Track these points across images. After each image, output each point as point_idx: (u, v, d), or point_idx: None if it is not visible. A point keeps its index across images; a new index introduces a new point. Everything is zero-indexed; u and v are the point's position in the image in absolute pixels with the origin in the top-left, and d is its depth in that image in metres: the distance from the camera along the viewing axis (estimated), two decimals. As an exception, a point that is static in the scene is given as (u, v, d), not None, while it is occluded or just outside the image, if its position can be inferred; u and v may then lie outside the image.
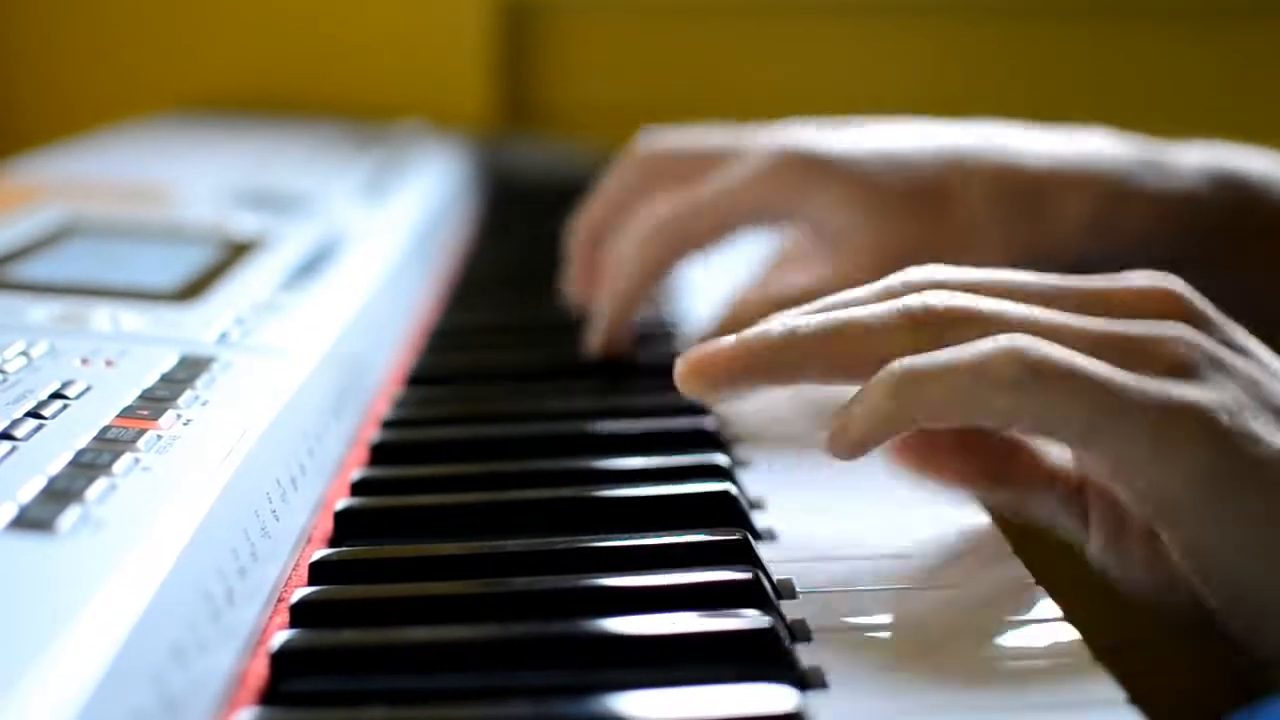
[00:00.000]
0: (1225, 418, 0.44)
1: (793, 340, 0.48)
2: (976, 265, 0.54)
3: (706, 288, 0.82)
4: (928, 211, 0.65)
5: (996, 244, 0.65)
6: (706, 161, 0.70)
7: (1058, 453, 0.53)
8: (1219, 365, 0.46)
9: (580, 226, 0.74)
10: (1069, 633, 0.43)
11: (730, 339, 0.49)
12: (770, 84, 1.29)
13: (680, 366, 0.50)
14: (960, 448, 0.52)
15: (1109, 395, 0.43)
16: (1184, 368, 0.45)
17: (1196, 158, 0.69)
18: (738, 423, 0.62)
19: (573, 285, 0.75)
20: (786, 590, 0.47)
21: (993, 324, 0.46)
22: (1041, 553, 0.50)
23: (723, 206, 0.66)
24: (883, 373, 0.45)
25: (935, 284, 0.49)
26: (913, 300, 0.47)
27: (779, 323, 0.49)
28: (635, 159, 0.74)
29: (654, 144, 0.74)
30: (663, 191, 0.70)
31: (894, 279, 0.50)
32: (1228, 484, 0.44)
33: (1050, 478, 0.53)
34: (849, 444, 0.46)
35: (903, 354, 0.45)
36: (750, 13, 1.31)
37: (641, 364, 0.70)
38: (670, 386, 0.65)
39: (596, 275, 0.72)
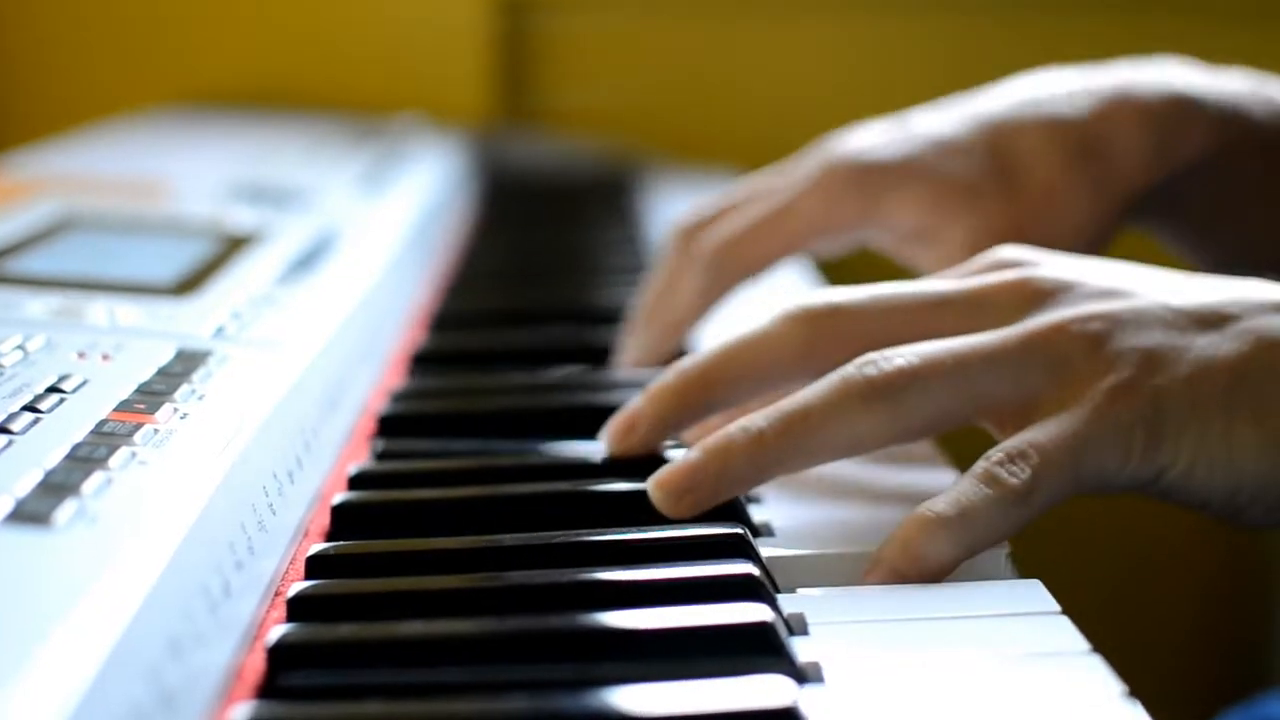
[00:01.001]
0: (1141, 387, 0.47)
1: (760, 443, 0.49)
2: (1062, 225, 0.64)
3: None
4: (999, 188, 0.65)
5: (1074, 197, 0.65)
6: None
7: None
8: (1102, 328, 0.49)
9: (672, 239, 0.70)
10: (1068, 628, 0.43)
11: (696, 453, 0.50)
12: (766, 84, 1.29)
13: (654, 489, 0.50)
14: None
15: (1076, 448, 0.47)
16: (1079, 354, 0.49)
17: (1240, 79, 0.69)
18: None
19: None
20: (784, 585, 0.47)
21: (933, 377, 0.49)
22: (1041, 549, 0.51)
23: (784, 228, 0.65)
24: (919, 526, 0.47)
25: (837, 314, 0.52)
26: (852, 375, 0.49)
27: (739, 428, 0.49)
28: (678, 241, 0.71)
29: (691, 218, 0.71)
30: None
31: (795, 314, 0.53)
32: (1179, 421, 0.48)
33: None
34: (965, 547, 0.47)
35: (868, 433, 0.49)
36: (746, 13, 1.31)
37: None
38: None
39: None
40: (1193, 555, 1.33)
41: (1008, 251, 0.55)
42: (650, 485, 0.50)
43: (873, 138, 0.67)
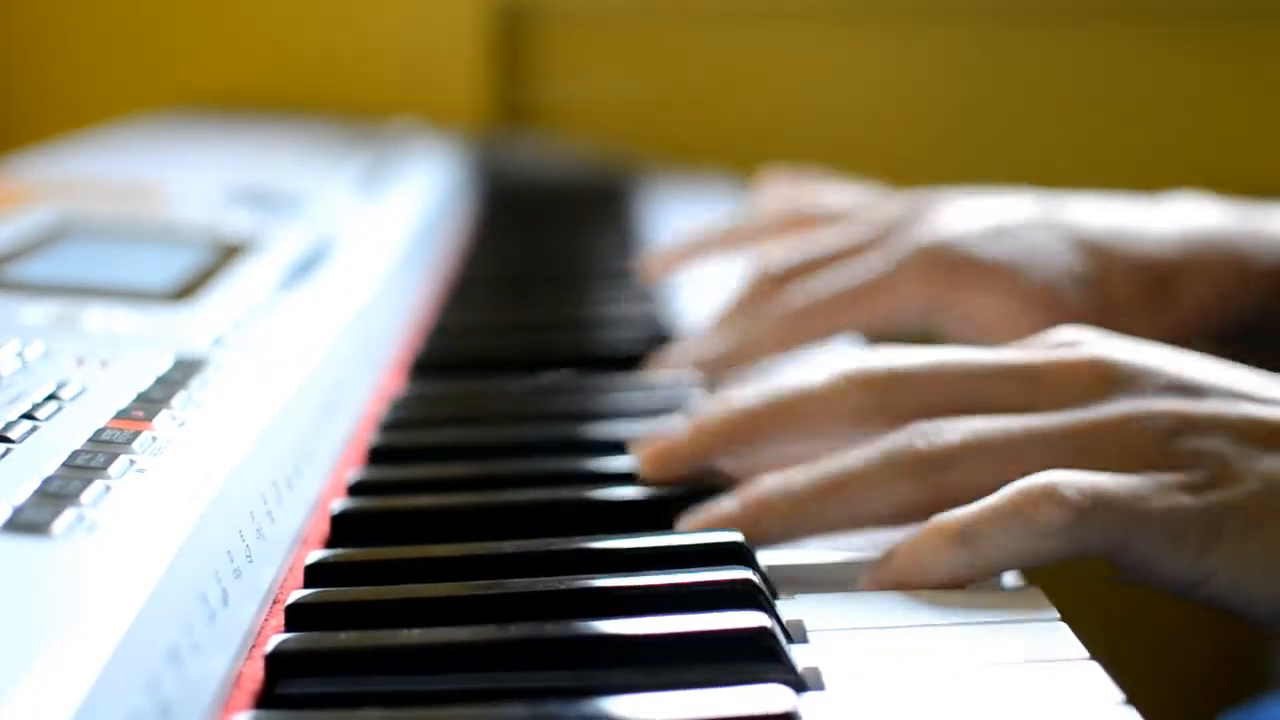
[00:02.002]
0: (1207, 492, 0.46)
1: (796, 505, 0.49)
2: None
3: (701, 289, 0.82)
4: (1075, 303, 0.67)
5: (1141, 330, 0.65)
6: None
7: None
8: (1179, 427, 0.47)
9: (690, 244, 0.77)
10: (1066, 634, 0.43)
11: (731, 504, 0.49)
12: (762, 87, 1.29)
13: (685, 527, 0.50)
14: None
15: (1134, 514, 0.46)
16: (1153, 456, 0.47)
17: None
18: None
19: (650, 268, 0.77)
20: (783, 591, 0.47)
21: (982, 454, 0.48)
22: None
23: (868, 304, 0.67)
24: (931, 538, 0.46)
25: (896, 379, 0.51)
26: (900, 445, 0.48)
27: (780, 486, 0.49)
28: (778, 215, 0.76)
29: (798, 199, 0.76)
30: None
31: (854, 375, 0.52)
32: (1237, 534, 0.46)
33: None
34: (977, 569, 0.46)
35: (908, 506, 0.48)
36: (743, 16, 1.31)
37: (639, 361, 0.70)
38: (665, 388, 0.65)
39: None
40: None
41: (1073, 331, 0.53)
42: (684, 525, 0.50)
43: (968, 224, 0.68)
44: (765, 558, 0.48)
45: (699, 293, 0.84)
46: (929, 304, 0.67)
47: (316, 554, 0.48)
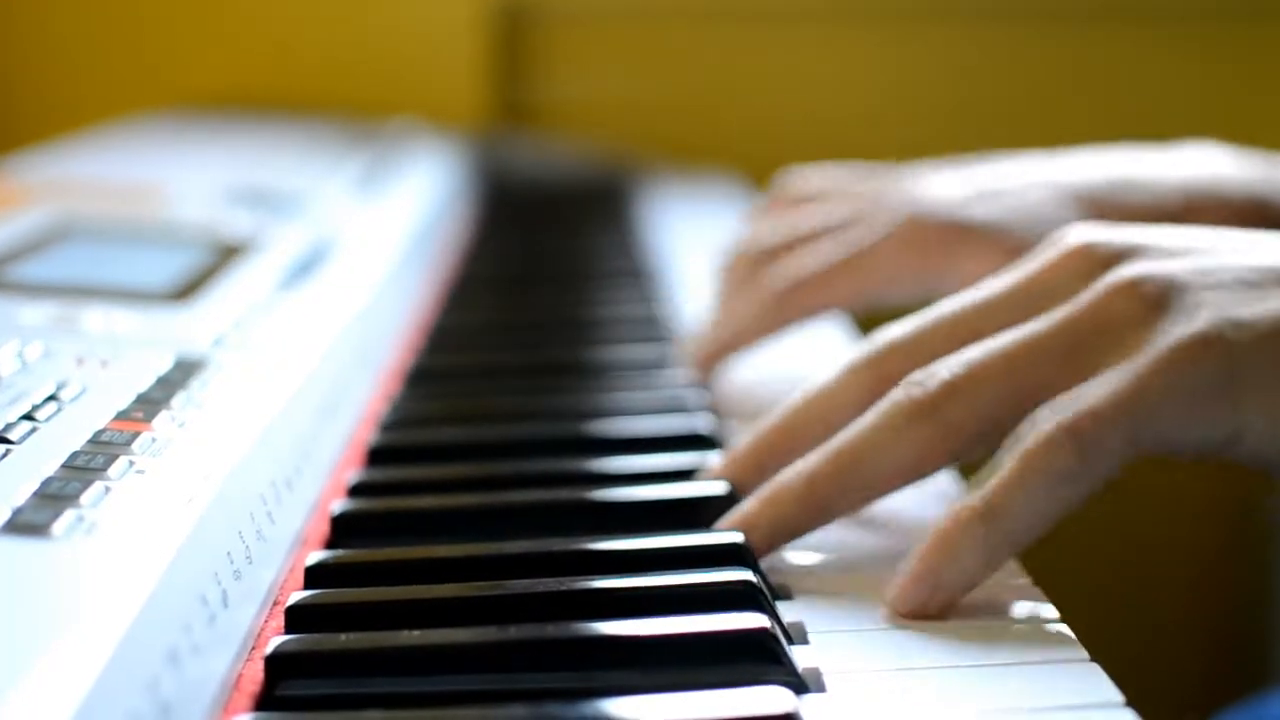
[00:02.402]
0: (1214, 331, 0.44)
1: (812, 485, 0.48)
2: None
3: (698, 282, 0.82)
4: None
5: None
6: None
7: None
8: (1169, 285, 0.46)
9: (737, 263, 0.72)
10: (1068, 635, 0.43)
11: (749, 503, 0.49)
12: (763, 87, 1.29)
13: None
14: None
15: (1133, 404, 0.44)
16: (1143, 316, 0.46)
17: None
18: (734, 425, 0.61)
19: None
20: (783, 592, 0.47)
21: (980, 382, 0.47)
22: (1040, 555, 0.50)
23: (858, 276, 0.66)
24: (956, 522, 0.44)
25: (895, 350, 0.51)
26: (896, 398, 0.47)
27: (792, 472, 0.48)
28: (777, 202, 0.75)
29: (793, 186, 0.75)
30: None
31: (857, 363, 0.51)
32: (1266, 380, 0.44)
33: None
34: (942, 600, 0.44)
35: (920, 456, 0.47)
36: (744, 16, 1.31)
37: (638, 363, 0.70)
38: (666, 385, 0.65)
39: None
40: (1190, 554, 1.33)
41: (1062, 230, 0.52)
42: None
43: (955, 190, 0.67)
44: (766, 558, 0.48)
45: (699, 289, 0.84)
46: (920, 271, 0.66)
47: (317, 555, 0.48)
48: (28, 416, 0.46)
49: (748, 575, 0.44)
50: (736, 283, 0.70)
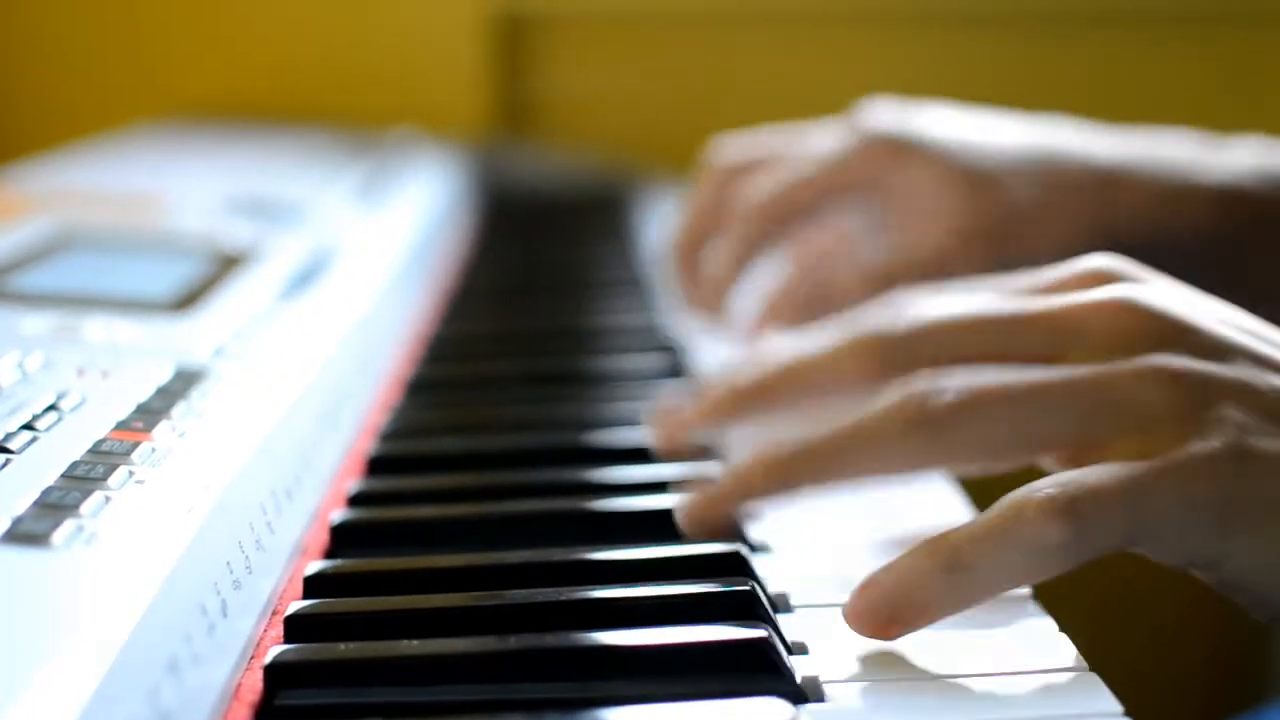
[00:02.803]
0: (1226, 456, 0.43)
1: (807, 454, 0.48)
2: (1049, 242, 0.66)
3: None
4: (1003, 194, 0.69)
5: (1072, 226, 0.68)
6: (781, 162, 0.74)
7: None
8: (1204, 389, 0.44)
9: (677, 244, 0.77)
10: (1067, 646, 0.43)
11: (725, 474, 0.50)
12: (764, 93, 1.29)
13: (684, 506, 0.50)
14: None
15: (1138, 502, 0.43)
16: (1170, 411, 0.44)
17: (1247, 153, 0.72)
18: (732, 435, 0.61)
19: (684, 297, 0.78)
20: (782, 603, 0.47)
21: (986, 410, 0.46)
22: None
23: (818, 180, 0.70)
24: (920, 566, 0.43)
25: (909, 341, 0.50)
26: (902, 400, 0.47)
27: (772, 446, 0.49)
28: (711, 171, 0.77)
29: (725, 153, 0.77)
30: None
31: (867, 340, 0.51)
32: (1257, 518, 0.44)
33: None
34: (896, 633, 0.43)
35: (908, 461, 0.47)
36: (744, 21, 1.31)
37: (639, 374, 0.70)
38: (666, 395, 0.65)
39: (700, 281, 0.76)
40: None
41: (1107, 261, 0.50)
42: (682, 505, 0.50)
43: (921, 117, 0.72)
44: (764, 568, 0.48)
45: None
46: (873, 180, 0.70)
47: (316, 565, 0.48)
48: (28, 426, 0.46)
49: (746, 585, 0.44)
50: (707, 189, 0.76)
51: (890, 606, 0.43)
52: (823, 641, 0.44)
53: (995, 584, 0.43)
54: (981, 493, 0.53)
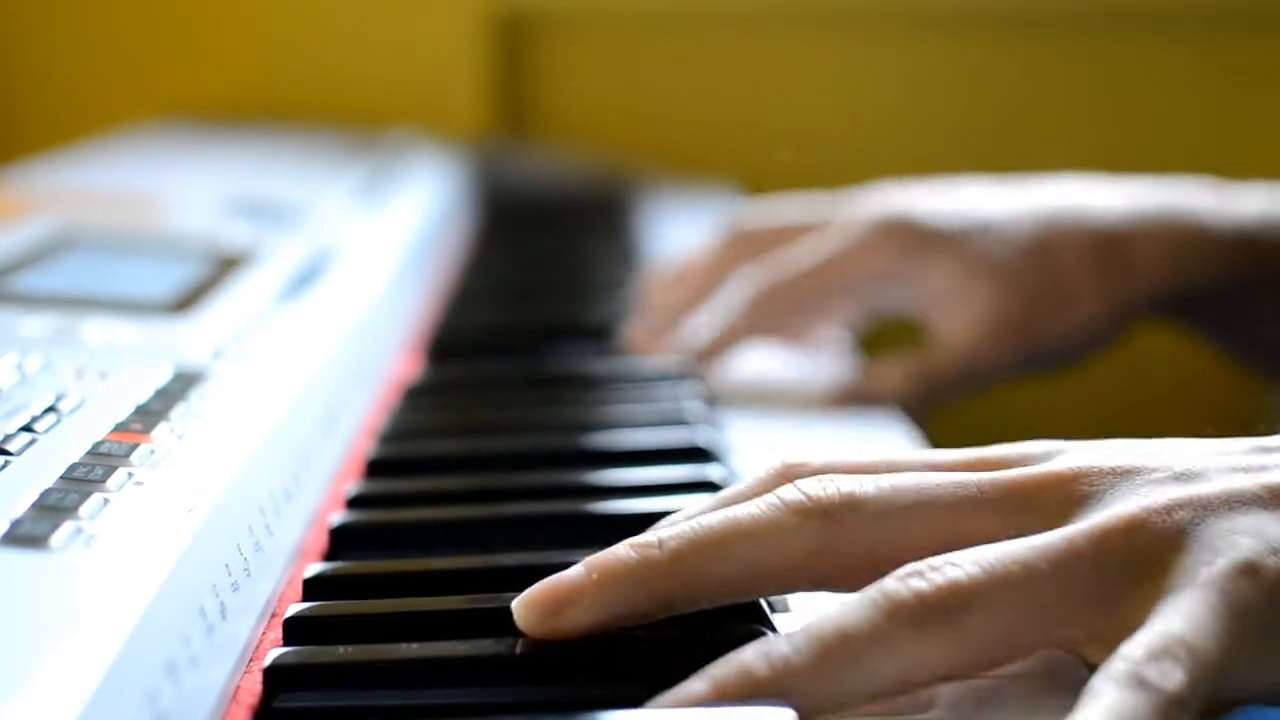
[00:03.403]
0: (1257, 559, 0.39)
1: (790, 675, 0.39)
2: (1073, 319, 0.68)
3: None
4: (1028, 278, 0.70)
5: (1090, 298, 0.70)
6: (802, 235, 0.73)
7: None
8: (1199, 514, 0.41)
9: (665, 295, 0.74)
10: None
11: (701, 682, 0.39)
12: (763, 95, 1.30)
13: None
14: None
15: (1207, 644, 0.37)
16: (1171, 545, 0.40)
17: (1259, 201, 0.72)
18: (732, 434, 0.62)
19: (637, 340, 0.74)
20: (780, 604, 0.47)
21: (997, 591, 0.39)
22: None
23: (832, 273, 0.69)
24: None
25: (847, 513, 0.42)
26: (897, 591, 0.39)
27: (760, 654, 0.39)
28: (730, 235, 0.76)
29: (748, 220, 0.76)
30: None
31: (796, 514, 0.42)
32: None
33: None
34: None
35: (922, 665, 0.39)
36: (742, 25, 1.31)
37: (638, 376, 0.70)
38: (665, 398, 0.65)
39: (668, 339, 0.73)
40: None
41: (1033, 444, 0.45)
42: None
43: (927, 203, 0.71)
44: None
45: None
46: (887, 272, 0.70)
47: (315, 567, 0.48)
48: (27, 428, 0.46)
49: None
50: (722, 253, 0.75)
51: None
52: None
53: None
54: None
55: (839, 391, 0.70)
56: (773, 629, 0.43)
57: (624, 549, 0.42)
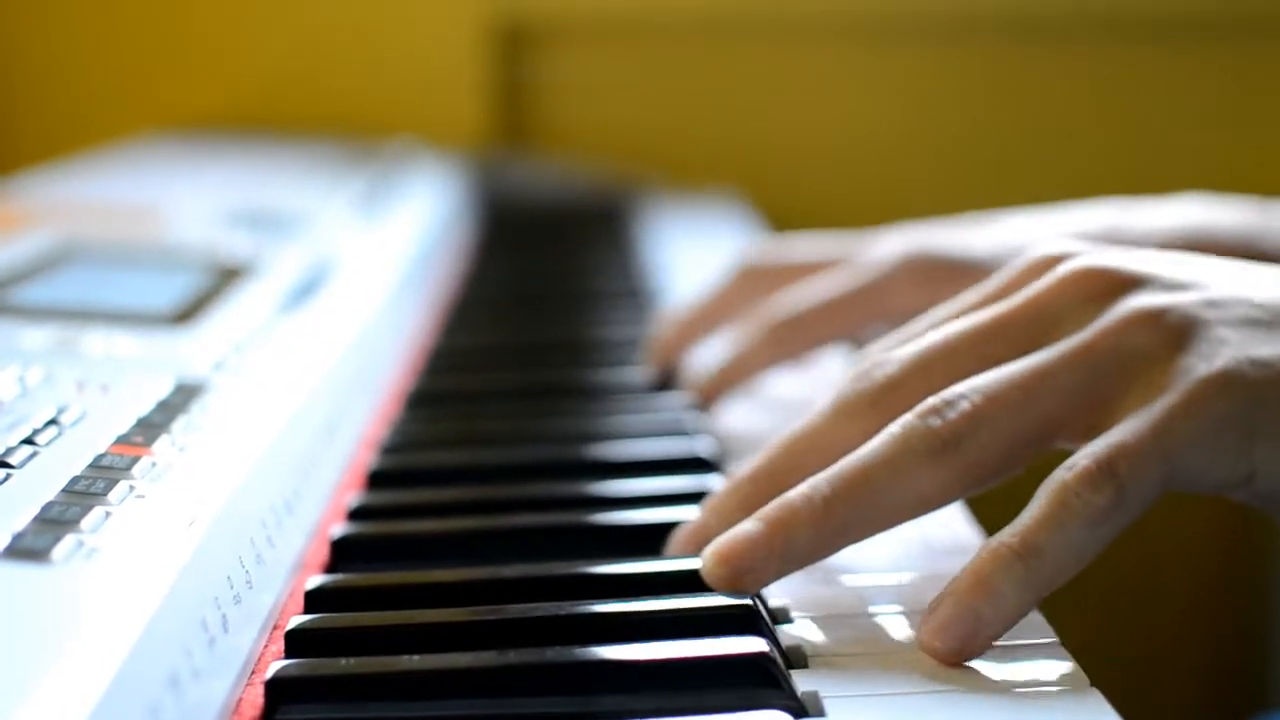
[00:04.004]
0: (1236, 370, 0.44)
1: (827, 513, 0.45)
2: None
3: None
4: None
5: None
6: (815, 274, 0.71)
7: None
8: (1185, 317, 0.46)
9: (675, 328, 0.73)
10: (1065, 658, 0.43)
11: (755, 525, 0.46)
12: (763, 106, 1.30)
13: (713, 564, 0.46)
14: None
15: (1166, 443, 0.44)
16: (1162, 349, 0.46)
17: (1251, 212, 0.72)
18: (733, 446, 0.62)
19: (652, 365, 0.73)
20: (782, 616, 0.47)
21: (1000, 411, 0.46)
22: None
23: (858, 305, 0.67)
24: (994, 562, 0.43)
25: (894, 387, 0.49)
26: (914, 426, 0.46)
27: (801, 496, 0.46)
28: (742, 271, 0.74)
29: (761, 256, 0.75)
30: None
31: (852, 401, 0.49)
32: (1270, 418, 0.45)
33: None
34: (983, 642, 0.43)
35: (939, 489, 0.46)
36: (743, 35, 1.31)
37: (638, 386, 0.70)
38: (665, 408, 0.65)
39: (678, 369, 0.72)
40: (1190, 577, 1.33)
41: (1051, 245, 0.51)
42: (707, 559, 0.46)
43: (959, 236, 0.69)
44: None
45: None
46: (917, 305, 0.65)
47: (316, 579, 0.48)
48: (28, 441, 0.46)
49: (746, 600, 0.44)
50: (733, 290, 0.72)
51: (974, 614, 0.43)
52: (823, 655, 0.44)
53: (1066, 564, 0.43)
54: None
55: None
56: (776, 642, 0.43)
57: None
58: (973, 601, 0.43)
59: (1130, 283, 0.48)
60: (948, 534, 0.52)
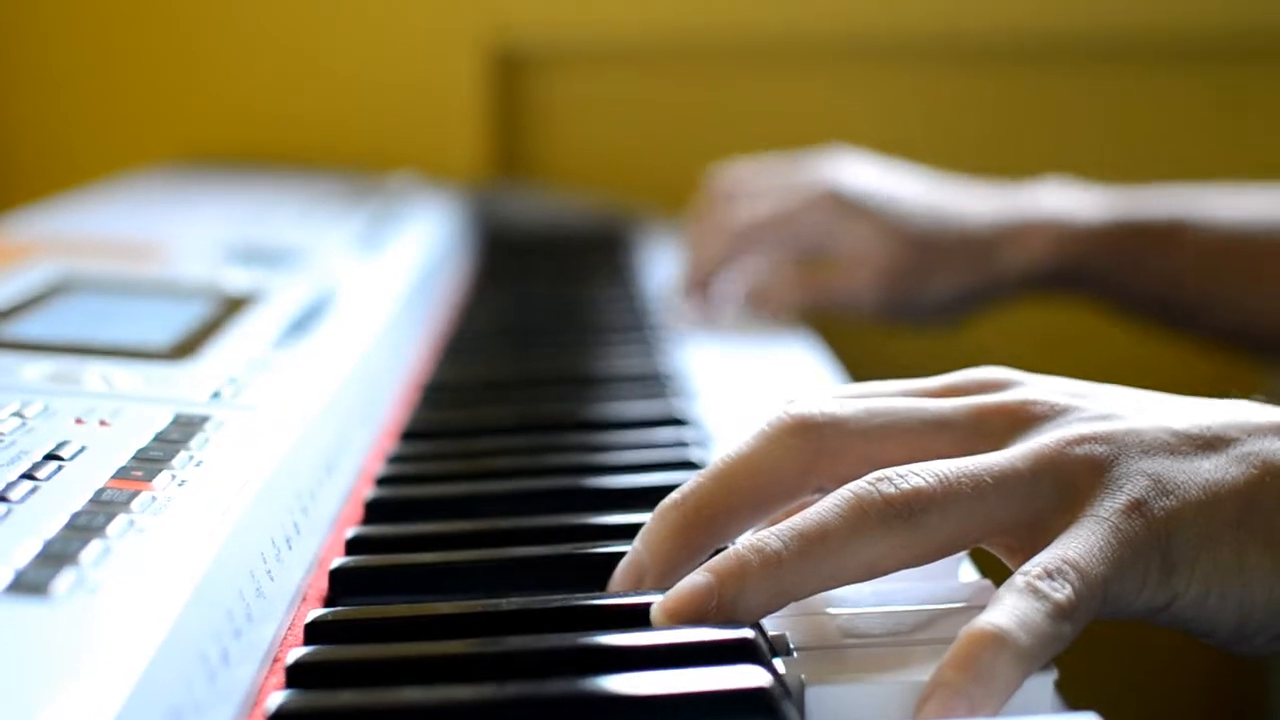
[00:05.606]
0: (1144, 498, 0.46)
1: (778, 567, 0.46)
2: (931, 290, 0.97)
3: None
4: (915, 250, 0.96)
5: (944, 280, 0.97)
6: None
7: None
8: (1110, 452, 0.48)
9: (693, 272, 0.98)
10: (1054, 690, 0.43)
11: (705, 576, 0.46)
12: (762, 132, 1.30)
13: (661, 616, 0.46)
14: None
15: (1105, 574, 0.45)
16: (1086, 477, 0.47)
17: (1112, 198, 0.97)
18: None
19: (687, 304, 0.97)
20: (782, 646, 0.47)
21: (950, 498, 0.46)
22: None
23: (778, 224, 0.96)
24: (978, 640, 0.42)
25: (830, 426, 0.50)
26: (868, 492, 0.46)
27: (753, 549, 0.46)
28: (707, 197, 1.03)
29: (718, 181, 1.02)
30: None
31: (786, 427, 0.50)
32: (1191, 550, 0.46)
33: None
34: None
35: (886, 556, 0.46)
36: (741, 62, 1.31)
37: (635, 419, 0.70)
38: (660, 443, 0.65)
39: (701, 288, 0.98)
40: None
41: (993, 372, 0.54)
42: (656, 612, 0.46)
43: (859, 178, 0.98)
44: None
45: (700, 350, 0.84)
46: (825, 229, 0.96)
47: (316, 612, 0.48)
48: (28, 475, 0.47)
49: (747, 631, 0.44)
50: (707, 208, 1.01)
51: (968, 697, 0.42)
52: (822, 686, 0.44)
53: (1041, 654, 0.43)
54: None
55: (749, 296, 0.96)
56: (775, 673, 0.43)
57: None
58: (966, 690, 0.42)
59: (1056, 411, 0.51)
60: (948, 567, 0.52)
